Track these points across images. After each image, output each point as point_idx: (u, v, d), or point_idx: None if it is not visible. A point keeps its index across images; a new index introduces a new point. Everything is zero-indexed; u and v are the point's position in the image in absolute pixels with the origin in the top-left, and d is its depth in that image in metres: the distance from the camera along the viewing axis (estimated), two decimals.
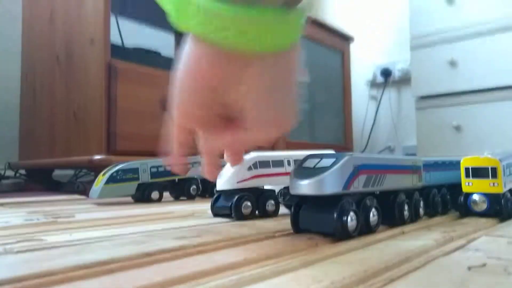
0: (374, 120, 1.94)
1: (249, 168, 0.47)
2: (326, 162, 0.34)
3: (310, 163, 0.35)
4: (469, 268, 0.25)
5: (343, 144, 1.66)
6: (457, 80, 1.37)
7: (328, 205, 0.33)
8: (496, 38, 1.30)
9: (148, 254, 0.28)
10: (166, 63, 1.05)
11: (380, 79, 1.91)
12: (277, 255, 0.28)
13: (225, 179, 0.47)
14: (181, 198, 0.77)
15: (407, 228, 0.38)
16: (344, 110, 1.69)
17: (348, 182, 0.33)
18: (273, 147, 1.27)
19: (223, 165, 0.49)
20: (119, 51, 0.95)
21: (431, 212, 0.47)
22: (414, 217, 0.42)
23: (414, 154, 1.64)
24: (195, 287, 0.20)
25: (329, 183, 0.32)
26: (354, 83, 1.85)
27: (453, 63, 1.38)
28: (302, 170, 0.35)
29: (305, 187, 0.33)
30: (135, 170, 0.69)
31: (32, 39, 1.16)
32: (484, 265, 0.26)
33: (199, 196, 0.79)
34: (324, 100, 1.58)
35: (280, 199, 0.53)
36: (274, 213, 0.49)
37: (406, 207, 0.40)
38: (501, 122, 1.30)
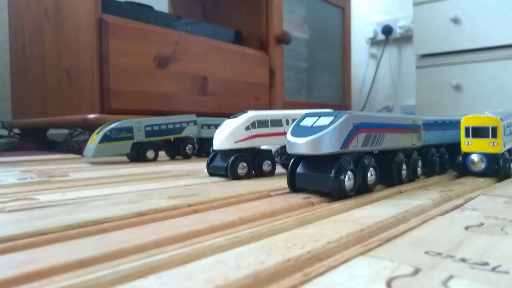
0: (374, 79, 1.91)
1: (247, 128, 0.46)
2: (324, 120, 0.33)
3: (307, 122, 0.34)
4: (466, 228, 0.25)
5: (342, 103, 1.64)
6: (460, 38, 1.34)
7: (325, 164, 0.33)
8: None
9: (142, 214, 0.27)
10: (160, 19, 1.02)
11: (381, 36, 1.86)
12: (273, 214, 0.28)
13: (223, 139, 0.46)
14: (177, 157, 0.77)
15: (404, 187, 0.38)
16: (343, 68, 1.66)
17: (347, 141, 0.33)
18: (270, 107, 1.26)
19: (220, 125, 0.48)
20: (111, 5, 0.91)
21: (429, 171, 0.46)
22: (412, 177, 0.42)
23: (412, 114, 1.63)
24: (189, 246, 0.20)
25: (326, 142, 0.32)
26: (354, 40, 1.80)
27: (456, 20, 1.34)
28: (299, 129, 0.34)
29: (302, 146, 0.32)
30: (129, 129, 0.68)
31: None
32: (481, 224, 0.25)
33: (195, 156, 0.78)
34: (323, 58, 1.55)
35: (277, 159, 0.53)
36: (271, 173, 0.49)
37: (404, 167, 0.40)
38: (502, 82, 1.28)
